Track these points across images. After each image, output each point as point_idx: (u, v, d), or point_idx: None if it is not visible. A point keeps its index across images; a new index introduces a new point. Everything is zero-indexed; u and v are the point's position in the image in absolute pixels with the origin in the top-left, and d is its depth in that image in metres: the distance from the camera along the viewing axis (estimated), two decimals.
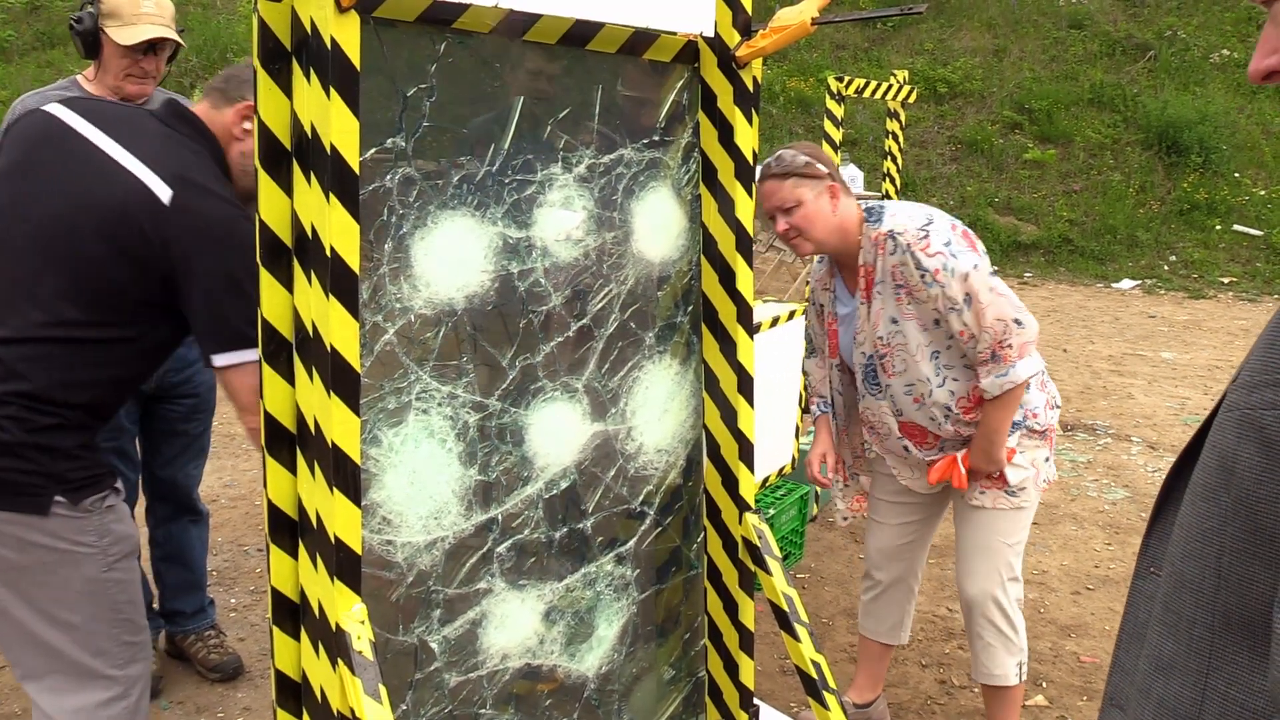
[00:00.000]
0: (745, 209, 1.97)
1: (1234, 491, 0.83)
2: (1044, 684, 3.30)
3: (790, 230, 2.50)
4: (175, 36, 2.70)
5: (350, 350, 1.44)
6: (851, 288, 2.64)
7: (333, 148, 1.38)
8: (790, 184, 2.48)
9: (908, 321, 2.50)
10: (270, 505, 1.53)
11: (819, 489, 2.84)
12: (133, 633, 2.03)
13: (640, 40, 1.84)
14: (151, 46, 2.69)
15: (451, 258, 1.64)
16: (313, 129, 1.40)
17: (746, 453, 2.03)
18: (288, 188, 1.46)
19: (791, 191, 2.48)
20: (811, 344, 2.91)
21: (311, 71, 1.39)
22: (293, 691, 1.59)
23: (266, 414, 1.50)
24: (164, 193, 1.84)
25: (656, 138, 1.92)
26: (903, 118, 6.56)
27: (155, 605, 3.19)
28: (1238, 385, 0.85)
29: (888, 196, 6.77)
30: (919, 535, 2.91)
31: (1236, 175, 12.84)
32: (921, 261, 2.40)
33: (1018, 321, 2.38)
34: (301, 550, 1.54)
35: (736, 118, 1.92)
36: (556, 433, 1.83)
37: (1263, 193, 12.59)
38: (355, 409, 1.45)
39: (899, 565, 2.92)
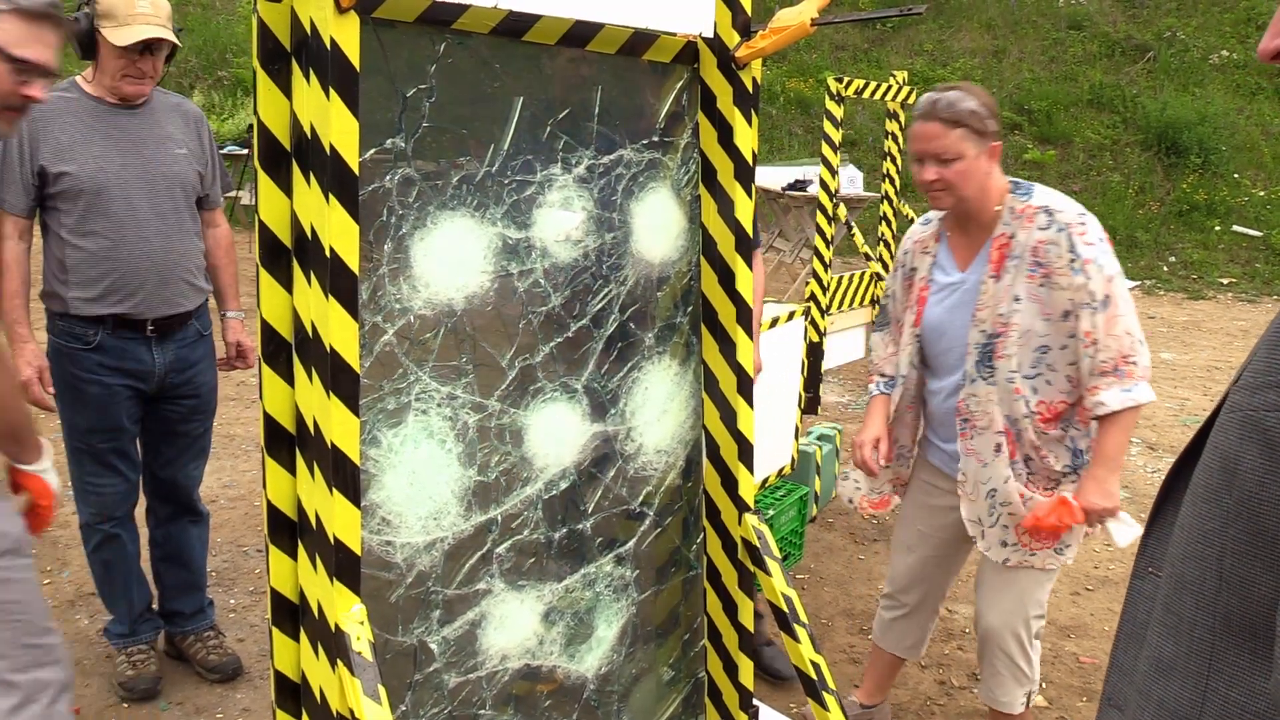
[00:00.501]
0: (745, 210, 1.97)
1: (1236, 493, 0.82)
2: (1044, 684, 3.30)
3: (939, 182, 2.30)
4: (171, 37, 2.70)
5: (350, 351, 1.44)
6: (964, 258, 2.45)
7: (332, 148, 1.38)
8: (957, 135, 2.27)
9: (1031, 304, 2.31)
10: (270, 506, 1.52)
11: (858, 479, 2.73)
12: (32, 634, 1.93)
13: (640, 41, 1.84)
14: (148, 47, 2.69)
15: (451, 258, 1.64)
16: (312, 129, 1.40)
17: (746, 453, 2.03)
18: (287, 188, 1.46)
19: (956, 143, 2.27)
20: (885, 314, 2.71)
21: (311, 72, 1.38)
22: (292, 692, 1.59)
23: (266, 414, 1.50)
24: None
25: (656, 138, 1.92)
26: (902, 118, 6.56)
27: (155, 606, 3.19)
28: (1240, 386, 0.85)
29: (887, 197, 6.78)
30: (953, 562, 2.72)
31: (1236, 176, 12.85)
32: (1076, 245, 2.24)
33: (1141, 342, 2.25)
34: (301, 551, 1.54)
35: (736, 118, 1.92)
36: (556, 433, 1.83)
37: (1262, 193, 12.59)
38: (355, 409, 1.45)
39: (927, 588, 2.76)
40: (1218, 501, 0.85)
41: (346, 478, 1.45)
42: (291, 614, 1.56)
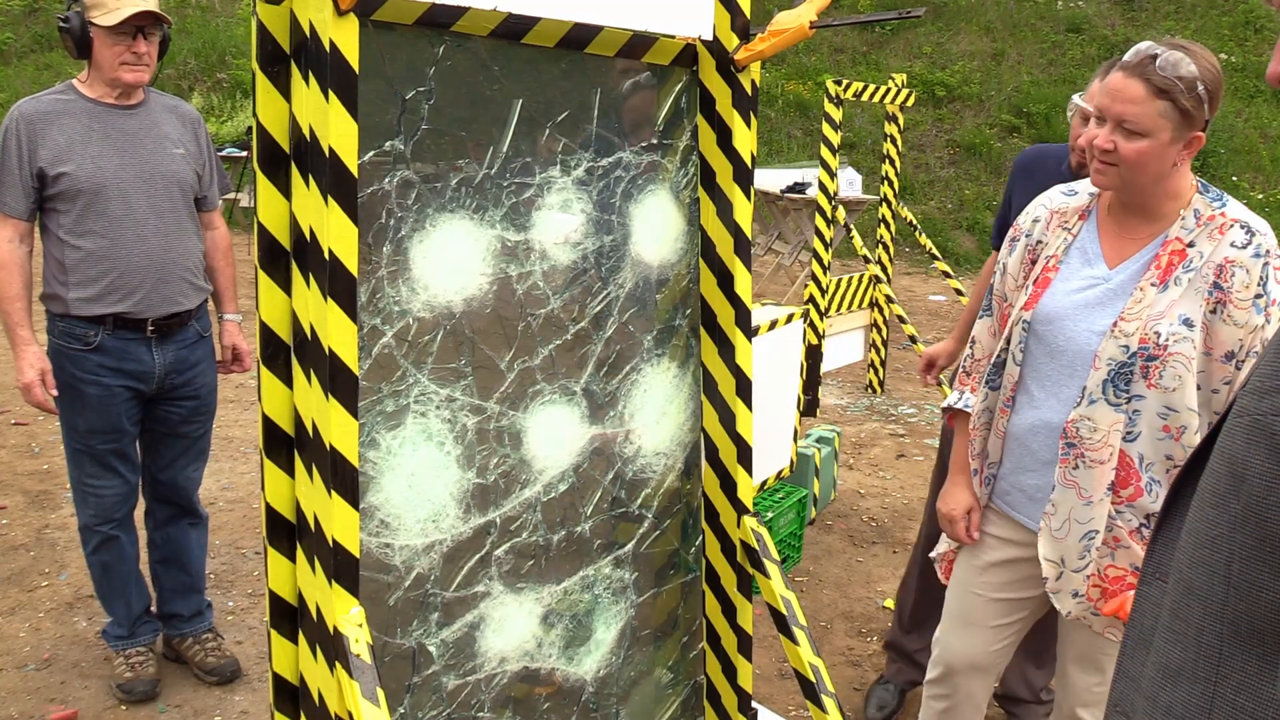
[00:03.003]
0: (743, 212, 1.97)
1: (1243, 498, 0.82)
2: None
3: (1110, 154, 1.86)
4: (157, 9, 2.70)
5: (348, 353, 1.44)
6: (1116, 252, 1.99)
7: (331, 151, 1.38)
8: (1160, 108, 1.81)
9: (1198, 333, 1.88)
10: (268, 508, 1.52)
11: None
12: None
13: (639, 43, 1.84)
14: (140, 30, 2.69)
15: (450, 261, 1.64)
16: (311, 132, 1.40)
17: (745, 456, 2.03)
18: (286, 191, 1.46)
19: (1153, 117, 1.81)
20: (990, 297, 2.22)
21: (310, 74, 1.39)
22: (290, 694, 1.59)
23: (264, 417, 1.50)
24: None
25: (655, 141, 1.92)
26: (901, 121, 6.57)
27: (153, 608, 3.19)
28: (1247, 391, 0.84)
29: (885, 200, 6.78)
30: (1018, 636, 2.23)
31: (1234, 179, 12.86)
32: (1270, 280, 1.85)
33: None
34: (299, 553, 1.54)
35: (735, 121, 1.92)
36: (554, 436, 1.83)
37: (1260, 196, 12.60)
38: (353, 412, 1.45)
39: (988, 674, 2.25)
40: (1225, 507, 0.84)
41: (345, 480, 1.45)
42: (290, 616, 1.56)
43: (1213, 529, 0.85)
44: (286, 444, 1.52)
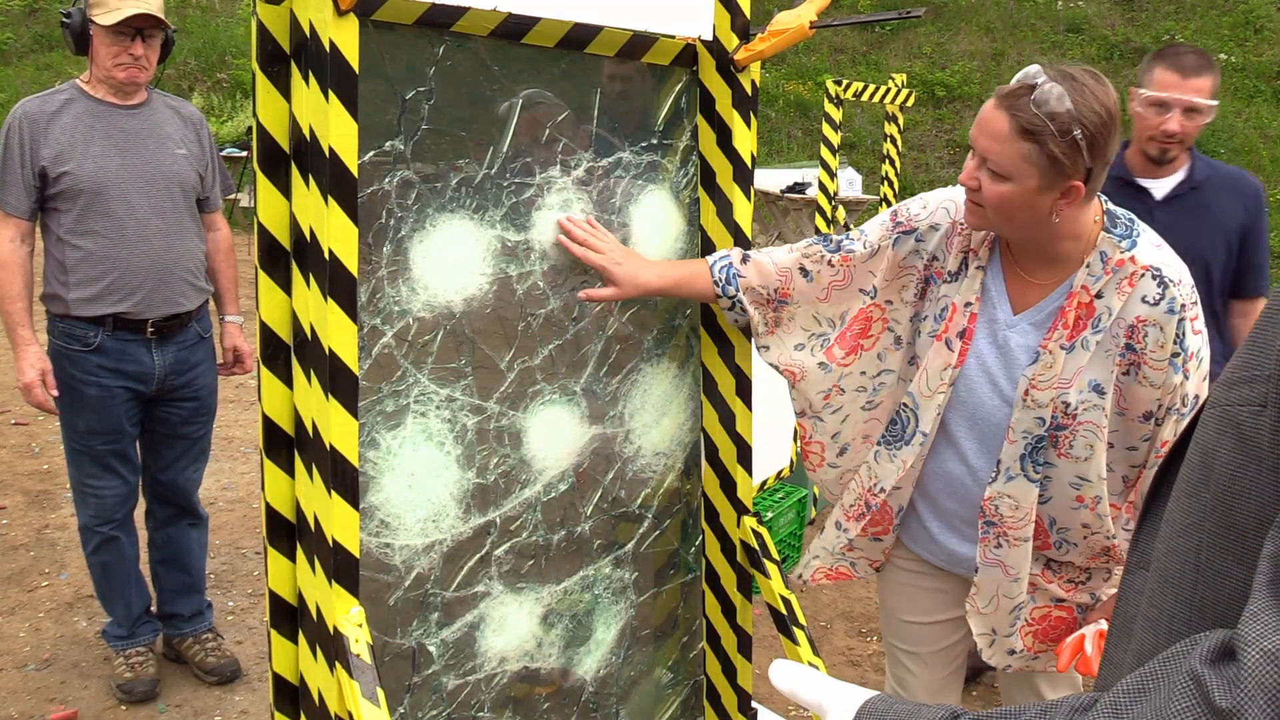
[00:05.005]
0: (743, 212, 1.97)
1: (1213, 487, 0.84)
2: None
3: (975, 193, 1.67)
4: (159, 14, 2.70)
5: (348, 353, 1.44)
6: (1019, 296, 1.78)
7: (331, 151, 1.38)
8: (1024, 150, 1.58)
9: (1113, 397, 1.71)
10: (268, 508, 1.52)
11: (819, 549, 2.10)
12: None
13: (639, 43, 1.84)
14: (140, 32, 2.70)
15: (450, 261, 1.64)
16: (311, 132, 1.40)
17: (744, 456, 2.03)
18: (286, 191, 1.46)
19: (1016, 161, 1.59)
20: (826, 240, 1.92)
21: (310, 74, 1.39)
22: (290, 694, 1.59)
23: (264, 417, 1.50)
24: None
25: (655, 141, 1.92)
26: (901, 121, 6.57)
27: (153, 608, 3.19)
28: (1220, 382, 0.87)
29: (885, 200, 6.78)
30: (964, 655, 2.13)
31: None
32: (1186, 336, 1.66)
33: None
34: (299, 553, 1.54)
35: (735, 121, 1.92)
36: (554, 436, 1.83)
37: None
38: (353, 412, 1.45)
39: (952, 700, 2.14)
40: (1197, 496, 0.86)
41: (345, 480, 1.45)
42: (290, 616, 1.56)
43: (1186, 517, 0.87)
44: (286, 444, 1.52)
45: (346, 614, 1.46)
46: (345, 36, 1.38)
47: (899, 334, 1.90)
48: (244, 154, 9.85)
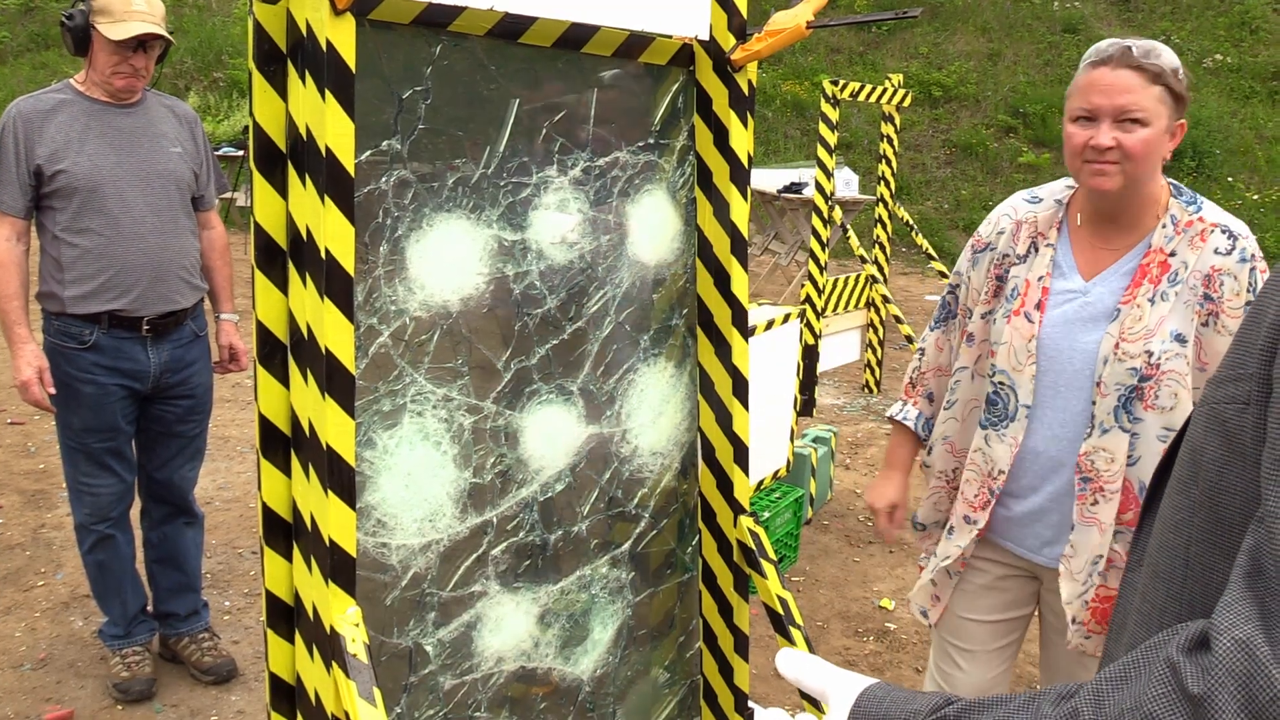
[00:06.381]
0: (740, 212, 1.97)
1: (1201, 483, 0.86)
2: (1034, 685, 3.30)
3: (1114, 150, 1.78)
4: (165, 34, 2.71)
5: (345, 353, 1.44)
6: (1090, 264, 1.92)
7: (328, 150, 1.38)
8: (1156, 93, 1.76)
9: (1194, 349, 1.80)
10: (264, 508, 1.52)
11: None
12: None
13: (636, 43, 1.84)
14: (141, 44, 2.70)
15: (447, 260, 1.64)
16: (308, 131, 1.40)
17: (741, 456, 2.03)
18: (283, 190, 1.46)
19: (1153, 102, 1.76)
20: (945, 308, 2.14)
21: (307, 74, 1.39)
22: (287, 694, 1.59)
23: (261, 416, 1.50)
24: None
25: (652, 140, 1.93)
26: (897, 121, 6.58)
27: (149, 608, 3.18)
28: (1209, 381, 0.89)
29: (882, 200, 6.78)
30: (1011, 662, 2.17)
31: (1230, 179, 12.88)
32: (1259, 285, 1.76)
33: None
34: (296, 553, 1.53)
35: (732, 121, 1.92)
36: (551, 435, 1.83)
37: (1255, 196, 12.62)
38: (350, 411, 1.45)
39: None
40: (1186, 493, 0.88)
41: (342, 480, 1.45)
42: (286, 616, 1.56)
43: (1176, 514, 0.90)
44: (283, 443, 1.52)
45: (343, 614, 1.46)
46: (342, 36, 1.38)
47: (971, 331, 2.05)
48: (240, 153, 9.85)
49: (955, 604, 2.14)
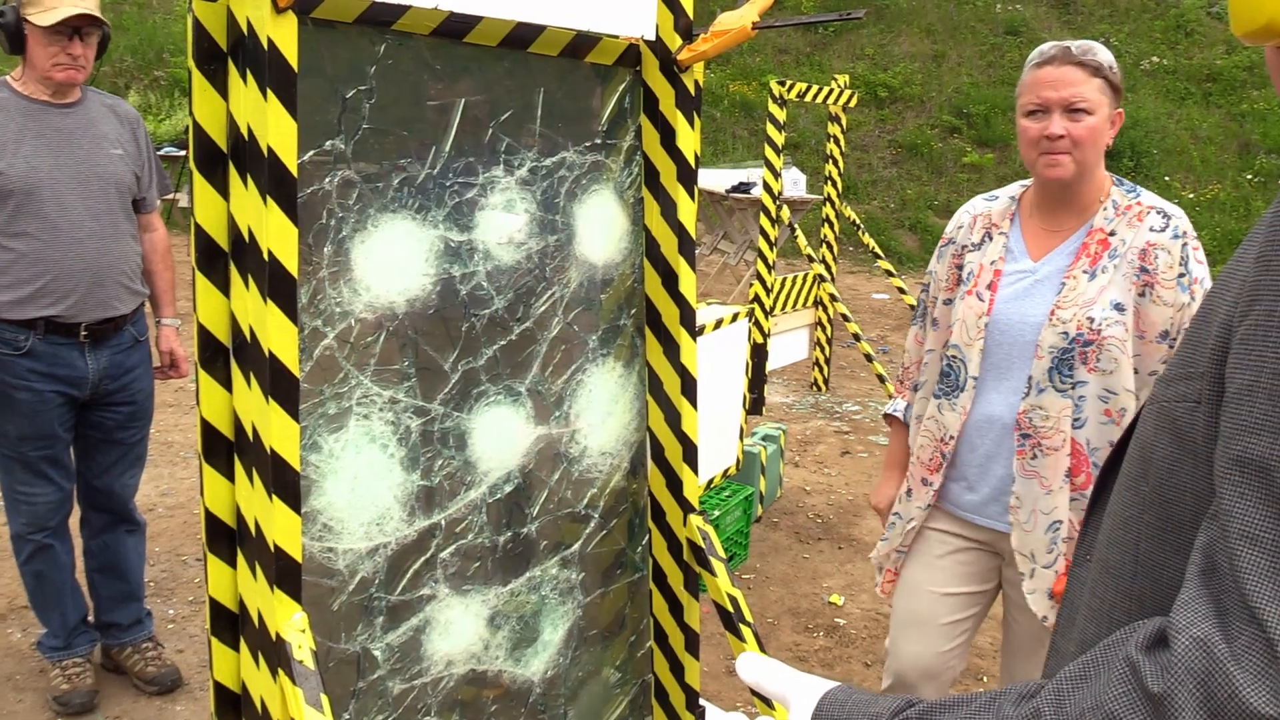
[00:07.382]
0: (687, 212, 1.98)
1: (1151, 480, 0.87)
2: (984, 679, 3.35)
3: (1065, 140, 1.97)
4: (97, 13, 2.65)
5: (289, 355, 1.42)
6: (1039, 247, 2.10)
7: (270, 150, 1.36)
8: (1097, 85, 1.96)
9: (1132, 318, 1.99)
10: (208, 514, 1.50)
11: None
12: None
13: (582, 43, 1.84)
14: (77, 31, 2.64)
15: (392, 261, 1.63)
16: (249, 131, 1.38)
17: (690, 455, 2.04)
18: (224, 190, 1.44)
19: (1095, 94, 1.96)
20: (922, 305, 2.31)
21: (248, 72, 1.37)
22: (232, 703, 1.56)
23: (203, 421, 1.48)
24: None
25: (599, 141, 1.93)
26: (844, 122, 6.64)
27: (90, 617, 3.12)
28: (1159, 379, 0.90)
29: (829, 200, 6.84)
30: (967, 638, 2.25)
31: (1167, 179, 13.18)
32: (1190, 260, 1.97)
33: None
34: (240, 559, 1.51)
35: (678, 121, 1.93)
36: (500, 437, 1.82)
37: (1191, 195, 12.92)
38: (294, 415, 1.43)
39: (942, 680, 2.26)
40: (1136, 490, 0.89)
41: (286, 484, 1.43)
42: (231, 623, 1.54)
43: (1126, 510, 0.91)
44: (226, 448, 1.50)
45: (289, 620, 1.44)
46: (284, 34, 1.36)
47: (936, 317, 2.24)
48: (182, 153, 9.68)
49: (913, 572, 2.25)
